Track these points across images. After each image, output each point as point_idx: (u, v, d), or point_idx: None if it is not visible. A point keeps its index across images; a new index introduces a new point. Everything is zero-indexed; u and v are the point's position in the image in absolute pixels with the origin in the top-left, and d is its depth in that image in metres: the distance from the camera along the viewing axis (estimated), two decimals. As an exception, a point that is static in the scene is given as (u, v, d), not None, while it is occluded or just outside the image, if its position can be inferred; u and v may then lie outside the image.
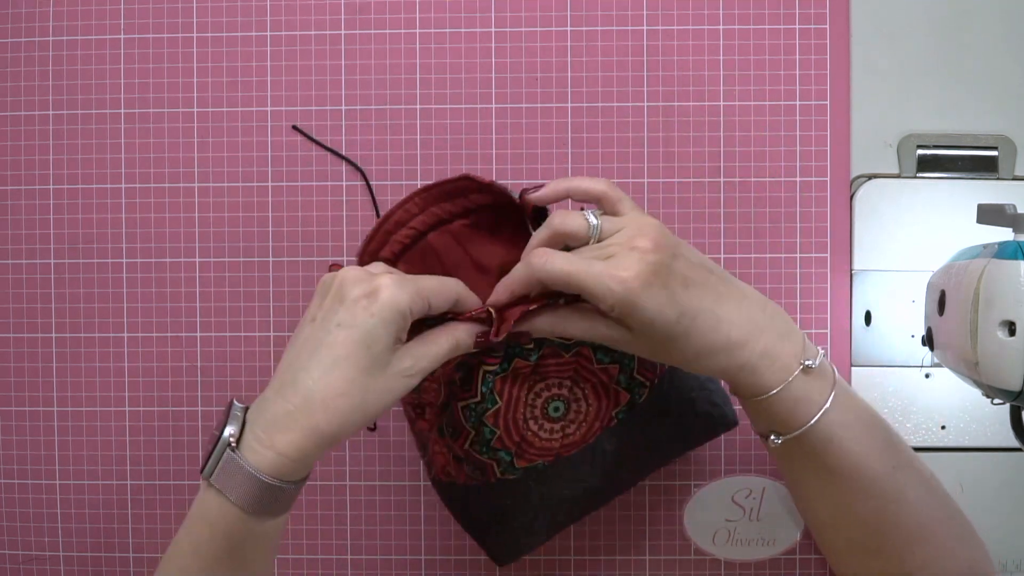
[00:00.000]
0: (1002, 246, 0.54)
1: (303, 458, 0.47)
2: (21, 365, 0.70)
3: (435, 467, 0.59)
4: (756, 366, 0.51)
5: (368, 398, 0.47)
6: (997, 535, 0.67)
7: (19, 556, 0.70)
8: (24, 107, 0.70)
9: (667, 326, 0.49)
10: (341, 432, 0.47)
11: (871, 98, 0.69)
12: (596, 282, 0.47)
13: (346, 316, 0.47)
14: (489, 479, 0.57)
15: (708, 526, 0.69)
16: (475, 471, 0.57)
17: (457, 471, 0.58)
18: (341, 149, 0.69)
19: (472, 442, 0.56)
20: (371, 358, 0.47)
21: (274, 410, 0.47)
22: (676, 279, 0.49)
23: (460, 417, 0.55)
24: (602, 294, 0.47)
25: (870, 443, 0.53)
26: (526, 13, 0.68)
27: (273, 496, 0.48)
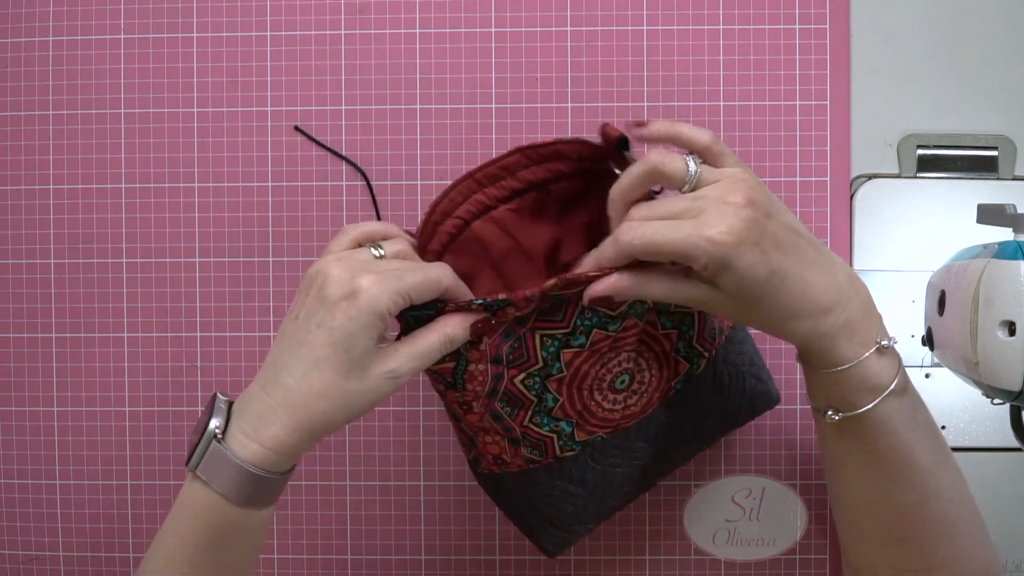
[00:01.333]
0: (1002, 246, 0.54)
1: (287, 451, 0.48)
2: (21, 365, 0.70)
3: (484, 461, 0.57)
4: (836, 336, 0.51)
5: (350, 399, 0.48)
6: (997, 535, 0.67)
7: (19, 556, 0.70)
8: (24, 107, 0.70)
9: (757, 285, 0.48)
10: (325, 429, 0.48)
11: (871, 98, 0.69)
12: (688, 243, 0.46)
13: (326, 317, 0.47)
14: (548, 457, 0.56)
15: (708, 526, 0.69)
16: (533, 451, 0.56)
17: (513, 456, 0.56)
18: (341, 149, 0.69)
19: (533, 414, 0.54)
20: (350, 361, 0.47)
21: (258, 405, 0.48)
22: (768, 238, 0.48)
23: (519, 389, 0.53)
24: (695, 255, 0.47)
25: (920, 436, 0.53)
26: (526, 13, 0.68)
27: (258, 486, 0.48)
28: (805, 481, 0.69)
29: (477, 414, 0.53)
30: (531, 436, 0.55)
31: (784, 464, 0.69)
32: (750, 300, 0.49)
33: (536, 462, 0.56)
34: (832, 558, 0.69)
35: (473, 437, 0.56)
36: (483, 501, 0.69)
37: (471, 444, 0.57)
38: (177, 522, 0.50)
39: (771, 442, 0.69)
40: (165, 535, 0.51)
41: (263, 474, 0.48)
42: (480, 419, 0.54)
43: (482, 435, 0.55)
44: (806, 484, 0.69)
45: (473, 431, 0.55)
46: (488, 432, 0.55)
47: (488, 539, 0.70)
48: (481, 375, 0.51)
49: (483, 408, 0.53)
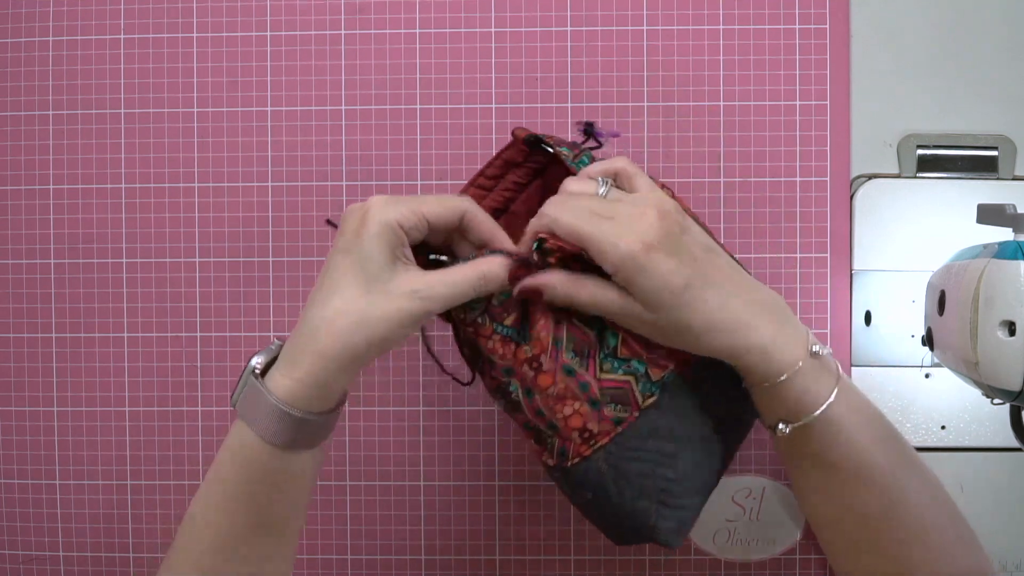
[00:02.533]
0: (1002, 246, 0.54)
1: (318, 385, 0.48)
2: (21, 365, 0.70)
3: (572, 446, 0.52)
4: (766, 349, 0.51)
5: (370, 313, 0.47)
6: (997, 535, 0.67)
7: (19, 556, 0.70)
8: (24, 107, 0.70)
9: (673, 295, 0.48)
10: (348, 352, 0.47)
11: (871, 98, 0.69)
12: (602, 238, 0.47)
13: (343, 242, 0.48)
14: (633, 411, 0.52)
15: (708, 526, 0.69)
16: (617, 407, 0.52)
17: (599, 422, 0.52)
18: (341, 149, 0.69)
19: (602, 360, 0.52)
20: (366, 275, 0.47)
21: (291, 343, 0.49)
22: (684, 251, 0.49)
23: (581, 331, 0.52)
24: (606, 251, 0.47)
25: (873, 437, 0.53)
26: (526, 13, 0.68)
27: (294, 426, 0.48)
28: (805, 481, 0.69)
29: (549, 373, 0.51)
30: (609, 388, 0.52)
31: (784, 464, 0.69)
32: (665, 309, 0.49)
33: (623, 420, 0.52)
34: (832, 558, 0.69)
35: (552, 421, 0.52)
36: (483, 501, 0.69)
37: (550, 432, 0.53)
38: (219, 465, 0.50)
39: (771, 442, 0.69)
40: (208, 479, 0.51)
41: (298, 413, 0.48)
42: (553, 380, 0.51)
43: (560, 408, 0.52)
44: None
45: (550, 408, 0.52)
46: (565, 399, 0.52)
47: (488, 539, 0.70)
48: (543, 315, 0.50)
49: (553, 364, 0.51)
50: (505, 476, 0.69)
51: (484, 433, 0.69)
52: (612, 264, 0.47)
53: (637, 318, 0.49)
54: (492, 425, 0.69)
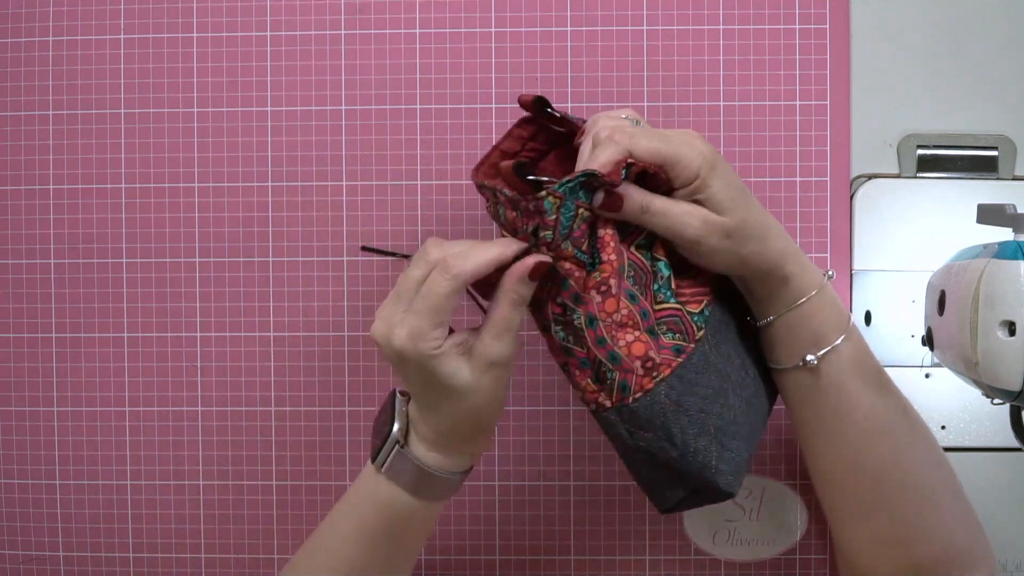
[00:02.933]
0: (1002, 246, 0.54)
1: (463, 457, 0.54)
2: (21, 365, 0.70)
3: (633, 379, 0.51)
4: (800, 259, 0.54)
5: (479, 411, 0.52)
6: (997, 535, 0.67)
7: (19, 556, 0.70)
8: (24, 107, 0.70)
9: (740, 194, 0.51)
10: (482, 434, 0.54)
11: (871, 98, 0.69)
12: (680, 149, 0.50)
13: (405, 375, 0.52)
14: (691, 341, 0.53)
15: (708, 526, 0.69)
16: (675, 335, 0.52)
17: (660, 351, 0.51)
18: (341, 149, 0.69)
19: (657, 290, 0.53)
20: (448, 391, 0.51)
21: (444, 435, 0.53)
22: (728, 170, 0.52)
23: (638, 257, 0.53)
24: (689, 158, 0.50)
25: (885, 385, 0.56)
26: (526, 13, 0.68)
27: (439, 484, 0.54)
28: (805, 481, 0.69)
29: (615, 298, 0.51)
30: (665, 317, 0.53)
31: (784, 464, 0.69)
32: (735, 210, 0.51)
33: (683, 351, 0.52)
34: (832, 558, 0.69)
35: (614, 351, 0.51)
36: (483, 501, 0.69)
37: (611, 364, 0.51)
38: (357, 514, 0.55)
39: (771, 442, 0.69)
40: (338, 526, 0.56)
41: (444, 475, 0.53)
42: (617, 306, 0.51)
43: (622, 335, 0.51)
44: (806, 484, 0.69)
45: (612, 336, 0.51)
46: (627, 327, 0.51)
47: (488, 539, 0.70)
48: (612, 239, 0.51)
49: (619, 289, 0.51)
50: (505, 476, 0.69)
51: (484, 433, 0.69)
52: (694, 169, 0.50)
53: (706, 224, 0.51)
54: (492, 425, 0.69)
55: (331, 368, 0.69)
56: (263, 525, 0.70)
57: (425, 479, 0.53)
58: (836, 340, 0.54)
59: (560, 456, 0.69)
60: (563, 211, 0.49)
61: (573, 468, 0.69)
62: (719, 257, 0.52)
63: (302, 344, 0.69)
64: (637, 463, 0.54)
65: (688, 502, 0.54)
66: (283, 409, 0.69)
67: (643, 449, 0.52)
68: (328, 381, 0.69)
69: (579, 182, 0.49)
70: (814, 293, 0.54)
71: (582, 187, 0.49)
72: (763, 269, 0.53)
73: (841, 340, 0.54)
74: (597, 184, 0.49)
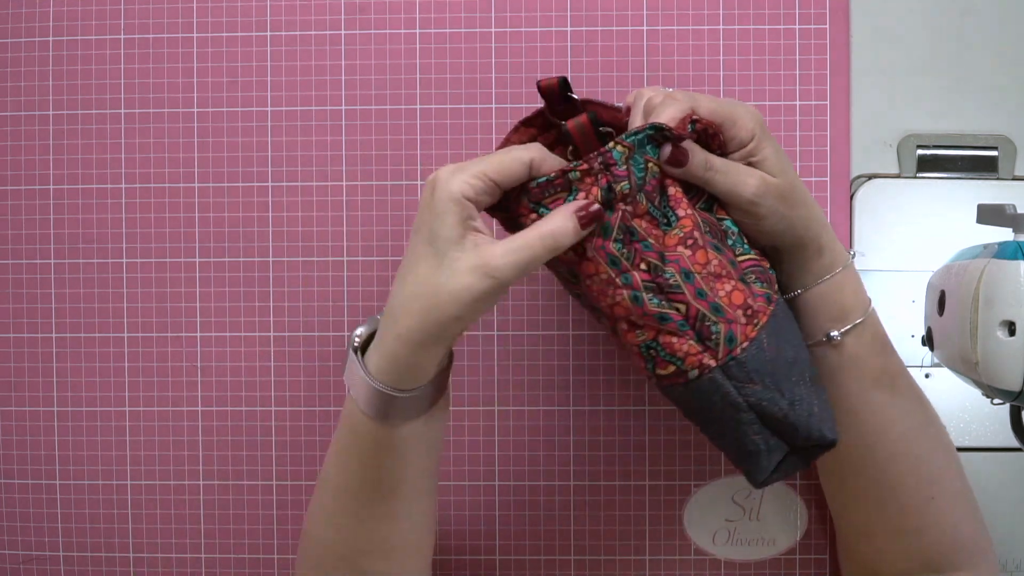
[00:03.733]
0: (1002, 246, 0.54)
1: (398, 363, 0.48)
2: (21, 365, 0.70)
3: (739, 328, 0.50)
4: (831, 232, 0.55)
5: (440, 294, 0.47)
6: (997, 535, 0.67)
7: (19, 556, 0.70)
8: (24, 107, 0.70)
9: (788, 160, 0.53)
10: (423, 334, 0.48)
11: (871, 98, 0.69)
12: (737, 108, 0.51)
13: (417, 219, 0.49)
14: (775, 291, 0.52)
15: (708, 526, 0.69)
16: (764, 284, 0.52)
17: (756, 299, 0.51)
18: (341, 149, 0.69)
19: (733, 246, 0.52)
20: (436, 255, 0.47)
21: (381, 320, 0.50)
22: None
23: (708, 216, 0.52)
24: (746, 117, 0.51)
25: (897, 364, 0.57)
26: (526, 13, 0.68)
27: (384, 401, 0.49)
28: (805, 481, 0.69)
29: (703, 248, 0.49)
30: (749, 267, 0.52)
31: (784, 464, 0.69)
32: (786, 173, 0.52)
33: (772, 299, 0.52)
34: (832, 558, 0.69)
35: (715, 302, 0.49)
36: (483, 501, 0.69)
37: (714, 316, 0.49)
38: (338, 429, 0.53)
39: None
40: (332, 440, 0.54)
41: (386, 390, 0.49)
42: (707, 256, 0.50)
43: (721, 286, 0.50)
44: (806, 484, 0.69)
45: (712, 288, 0.49)
46: (722, 277, 0.50)
47: (488, 539, 0.70)
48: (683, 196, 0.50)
49: (704, 241, 0.50)
50: (505, 476, 0.69)
51: (484, 433, 0.69)
52: (750, 130, 0.51)
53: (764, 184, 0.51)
54: (492, 425, 0.69)
55: (331, 368, 0.69)
56: (263, 525, 0.70)
57: (371, 392, 0.49)
58: (860, 318, 0.55)
59: (560, 456, 0.69)
60: (633, 164, 0.49)
61: (573, 468, 0.69)
62: (771, 221, 0.52)
63: (302, 344, 0.69)
64: (739, 429, 0.51)
65: (785, 466, 0.52)
66: (283, 409, 0.69)
67: (752, 406, 0.50)
68: (328, 381, 0.69)
69: (647, 135, 0.49)
70: (841, 269, 0.55)
71: (650, 141, 0.49)
72: (805, 236, 0.54)
73: (864, 318, 0.55)
74: (664, 138, 0.49)
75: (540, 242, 0.47)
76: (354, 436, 0.51)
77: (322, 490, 0.55)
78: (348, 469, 0.52)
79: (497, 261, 0.46)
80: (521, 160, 0.48)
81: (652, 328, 0.50)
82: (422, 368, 0.49)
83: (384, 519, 0.53)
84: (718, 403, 0.50)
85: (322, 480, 0.55)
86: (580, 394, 0.69)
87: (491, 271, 0.46)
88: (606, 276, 0.49)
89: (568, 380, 0.69)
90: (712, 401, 0.50)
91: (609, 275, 0.49)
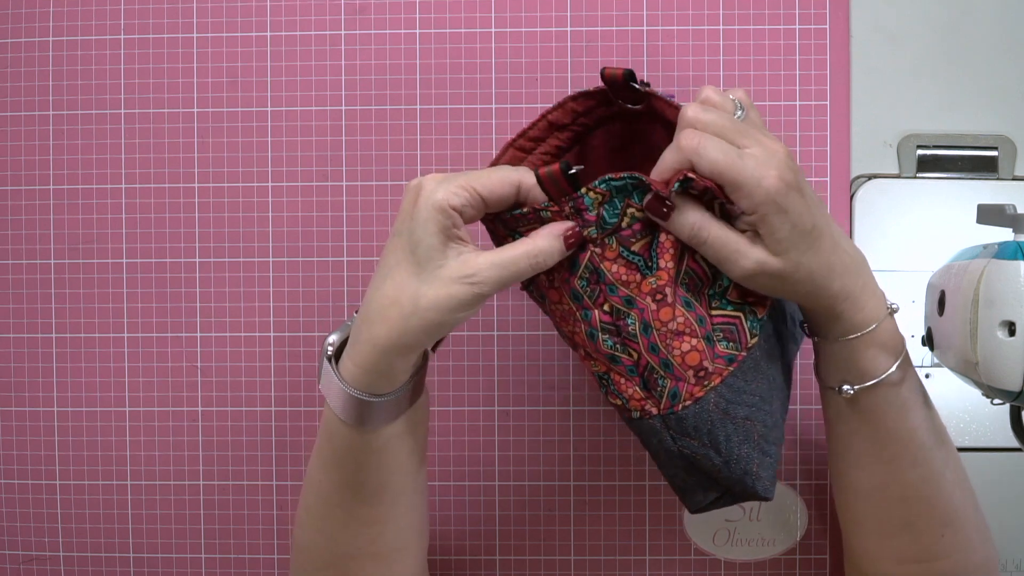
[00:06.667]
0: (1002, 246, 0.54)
1: (374, 370, 0.48)
2: (21, 365, 0.70)
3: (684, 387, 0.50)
4: (858, 298, 0.51)
5: (420, 302, 0.46)
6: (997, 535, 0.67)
7: (19, 556, 0.70)
8: (24, 107, 0.70)
9: (802, 236, 0.47)
10: (401, 341, 0.47)
11: (871, 98, 0.69)
12: (746, 176, 0.45)
13: (398, 224, 0.48)
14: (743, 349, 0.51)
15: (708, 526, 0.69)
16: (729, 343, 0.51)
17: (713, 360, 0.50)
18: (341, 149, 0.69)
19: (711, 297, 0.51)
20: (416, 262, 0.46)
21: (355, 326, 0.49)
22: (808, 192, 0.48)
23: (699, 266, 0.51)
24: (751, 190, 0.45)
25: (924, 413, 0.54)
26: (526, 13, 0.68)
27: (359, 407, 0.49)
28: (805, 481, 0.69)
29: (670, 306, 0.49)
30: (720, 324, 0.51)
31: (784, 464, 0.69)
32: (793, 252, 0.47)
33: (735, 359, 0.51)
34: (832, 558, 0.69)
35: (667, 359, 0.50)
36: (483, 501, 0.69)
37: (663, 371, 0.50)
38: (319, 434, 0.52)
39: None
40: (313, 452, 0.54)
41: (362, 396, 0.48)
42: (673, 313, 0.49)
43: (678, 344, 0.50)
44: (806, 484, 0.69)
45: (667, 345, 0.49)
46: (683, 335, 0.50)
47: (488, 539, 0.70)
48: (672, 246, 0.49)
49: (674, 295, 0.50)
50: (505, 476, 0.69)
51: (484, 433, 0.69)
52: (754, 204, 0.46)
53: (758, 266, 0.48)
54: (492, 425, 0.69)
55: (331, 368, 0.69)
56: (263, 525, 0.70)
57: (346, 399, 0.49)
58: (880, 375, 0.52)
59: (560, 456, 0.69)
60: (607, 207, 0.48)
61: (573, 468, 0.69)
62: (767, 291, 0.50)
63: (302, 344, 0.69)
64: (674, 467, 0.53)
65: (720, 502, 0.53)
66: (283, 409, 0.69)
67: (685, 456, 0.51)
68: (328, 381, 0.69)
69: (627, 183, 0.48)
70: (862, 333, 0.51)
71: (634, 188, 0.48)
72: (815, 307, 0.51)
73: (883, 377, 0.52)
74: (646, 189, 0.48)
75: (526, 259, 0.47)
76: (332, 444, 0.51)
77: (306, 495, 0.54)
78: (330, 476, 0.52)
79: (483, 274, 0.46)
80: (511, 181, 0.47)
81: (604, 364, 0.51)
82: (397, 373, 0.49)
83: (370, 523, 0.53)
84: (654, 444, 0.52)
85: (306, 486, 0.54)
86: (580, 394, 0.69)
87: (475, 282, 0.46)
88: (568, 308, 0.50)
89: (568, 380, 0.69)
90: (651, 441, 0.52)
91: (571, 307, 0.50)
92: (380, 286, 0.48)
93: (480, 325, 0.69)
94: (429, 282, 0.46)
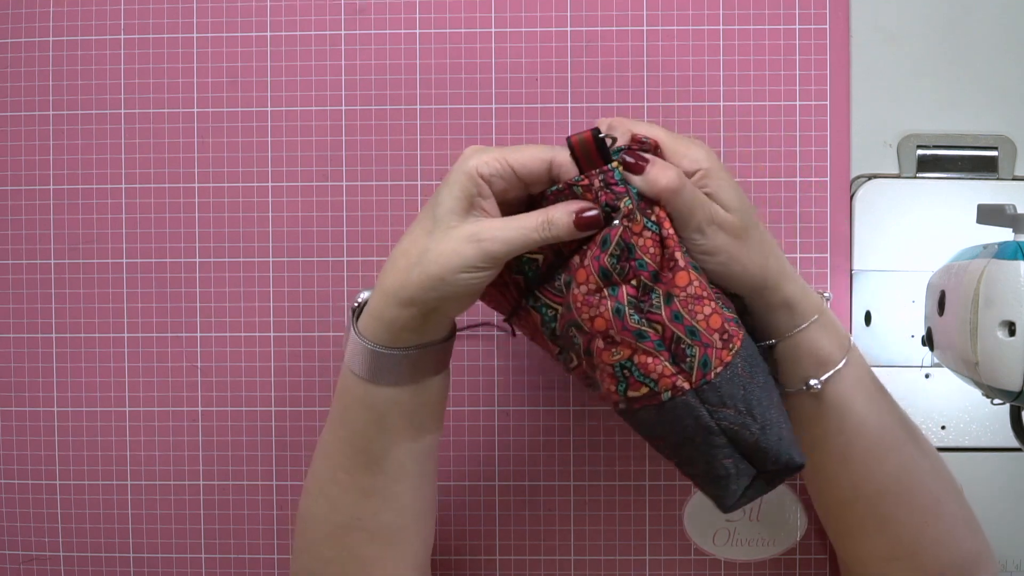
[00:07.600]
0: (1002, 246, 0.54)
1: (381, 318, 0.50)
2: (21, 365, 0.70)
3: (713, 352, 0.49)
4: (798, 281, 0.54)
5: (426, 258, 0.48)
6: (997, 535, 0.67)
7: (19, 556, 0.70)
8: (24, 107, 0.70)
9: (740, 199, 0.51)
10: (402, 289, 0.48)
11: (871, 98, 0.69)
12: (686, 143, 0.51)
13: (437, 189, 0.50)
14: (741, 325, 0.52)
15: (708, 526, 0.69)
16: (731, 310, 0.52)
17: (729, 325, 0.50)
18: (341, 149, 0.69)
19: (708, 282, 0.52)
20: (433, 219, 0.48)
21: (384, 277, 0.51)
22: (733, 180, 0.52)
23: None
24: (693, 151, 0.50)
25: (890, 400, 0.56)
26: (526, 13, 0.68)
27: (368, 358, 0.50)
28: (804, 482, 0.69)
29: (684, 270, 0.49)
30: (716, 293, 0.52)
31: (785, 463, 0.69)
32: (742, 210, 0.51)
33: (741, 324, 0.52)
34: (832, 558, 0.69)
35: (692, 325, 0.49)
36: (483, 501, 0.69)
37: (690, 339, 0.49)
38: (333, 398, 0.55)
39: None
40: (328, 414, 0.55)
41: (369, 345, 0.50)
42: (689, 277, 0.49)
43: (700, 308, 0.49)
44: (805, 484, 0.69)
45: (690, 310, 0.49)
46: (701, 299, 0.49)
47: (488, 539, 0.70)
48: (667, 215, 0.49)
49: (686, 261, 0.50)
50: (505, 476, 0.69)
51: (484, 433, 0.69)
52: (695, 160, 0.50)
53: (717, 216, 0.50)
54: (492, 425, 0.69)
55: (331, 368, 0.69)
56: (263, 525, 0.70)
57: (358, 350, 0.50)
58: (839, 363, 0.54)
59: (560, 456, 0.69)
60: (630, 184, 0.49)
61: (573, 468, 0.69)
62: (721, 258, 0.50)
63: (302, 344, 0.69)
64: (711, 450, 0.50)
65: (751, 491, 0.52)
66: (283, 409, 0.69)
67: (724, 431, 0.50)
68: (328, 381, 0.69)
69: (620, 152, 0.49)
70: (815, 318, 0.54)
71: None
72: (760, 285, 0.52)
73: (843, 363, 0.54)
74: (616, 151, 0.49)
75: (536, 226, 0.48)
76: (342, 399, 0.53)
77: (315, 461, 0.56)
78: (336, 433, 0.54)
79: (491, 232, 0.47)
80: (543, 158, 0.48)
81: (628, 346, 0.49)
82: (402, 326, 0.49)
83: (369, 494, 0.53)
84: (690, 426, 0.50)
85: (316, 451, 0.56)
86: (580, 394, 0.69)
87: (481, 239, 0.47)
88: (595, 286, 0.49)
89: (568, 380, 0.69)
90: (684, 424, 0.50)
91: (598, 284, 0.49)
92: (401, 240, 0.50)
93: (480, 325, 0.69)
94: (439, 239, 0.48)
